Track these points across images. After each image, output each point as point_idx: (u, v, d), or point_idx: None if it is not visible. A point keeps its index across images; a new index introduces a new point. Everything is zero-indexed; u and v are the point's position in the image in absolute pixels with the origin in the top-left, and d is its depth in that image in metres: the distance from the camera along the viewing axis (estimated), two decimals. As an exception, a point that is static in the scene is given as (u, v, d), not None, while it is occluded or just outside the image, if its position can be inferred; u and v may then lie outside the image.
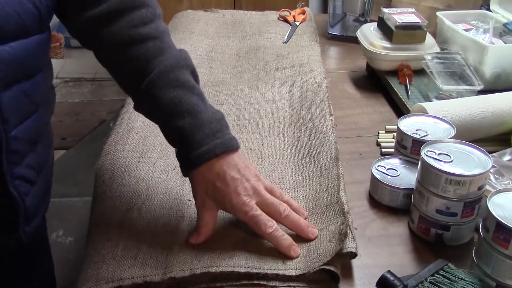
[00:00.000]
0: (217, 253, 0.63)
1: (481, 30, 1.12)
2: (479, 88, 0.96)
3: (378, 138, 0.91)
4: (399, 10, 1.12)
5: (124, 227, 0.67)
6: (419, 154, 0.67)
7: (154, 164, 0.79)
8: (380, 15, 1.13)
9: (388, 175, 0.76)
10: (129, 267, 0.61)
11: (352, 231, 0.64)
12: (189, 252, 0.63)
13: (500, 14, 1.17)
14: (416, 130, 0.78)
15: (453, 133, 0.76)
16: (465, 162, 0.65)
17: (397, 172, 0.76)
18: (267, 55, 1.18)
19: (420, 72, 1.05)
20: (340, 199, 0.68)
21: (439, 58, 1.04)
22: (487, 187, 0.66)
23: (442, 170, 0.63)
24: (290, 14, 1.39)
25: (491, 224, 0.56)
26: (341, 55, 1.32)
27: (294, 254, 0.62)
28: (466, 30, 1.11)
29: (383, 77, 1.09)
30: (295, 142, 0.85)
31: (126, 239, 0.65)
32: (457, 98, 0.95)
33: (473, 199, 0.64)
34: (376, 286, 0.58)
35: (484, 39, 1.08)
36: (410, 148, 0.78)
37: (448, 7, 1.29)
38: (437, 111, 0.83)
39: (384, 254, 0.67)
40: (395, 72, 1.08)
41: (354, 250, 0.62)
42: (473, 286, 0.57)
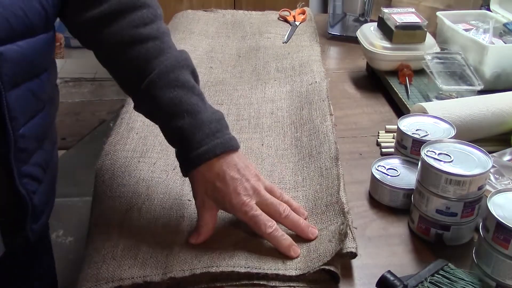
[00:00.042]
0: (217, 253, 0.63)
1: (481, 30, 1.12)
2: (479, 88, 0.96)
3: (378, 138, 0.91)
4: (399, 10, 1.12)
5: (124, 227, 0.67)
6: (419, 154, 0.67)
7: (154, 164, 0.79)
8: (380, 15, 1.13)
9: (388, 175, 0.76)
10: (129, 267, 0.61)
11: (352, 231, 0.64)
12: (189, 252, 0.63)
13: (500, 14, 1.17)
14: (416, 130, 0.78)
15: (453, 133, 0.76)
16: (465, 162, 0.65)
17: (397, 172, 0.76)
18: (267, 55, 1.18)
19: (420, 72, 1.05)
20: (340, 199, 0.68)
21: (439, 58, 1.04)
22: (487, 187, 0.66)
23: (442, 170, 0.63)
24: (290, 14, 1.39)
25: (491, 224, 0.56)
26: (341, 55, 1.32)
27: (294, 254, 0.62)
28: (466, 30, 1.11)
29: (383, 77, 1.09)
30: (295, 142, 0.85)
31: (126, 239, 0.65)
32: (457, 98, 0.95)
33: (473, 199, 0.64)
34: (376, 286, 0.58)
35: (484, 39, 1.08)
36: (410, 148, 0.78)
37: (448, 7, 1.29)
38: (437, 111, 0.83)
39: (384, 254, 0.67)
40: (395, 72, 1.08)
41: (354, 250, 0.62)
42: (473, 286, 0.57)
